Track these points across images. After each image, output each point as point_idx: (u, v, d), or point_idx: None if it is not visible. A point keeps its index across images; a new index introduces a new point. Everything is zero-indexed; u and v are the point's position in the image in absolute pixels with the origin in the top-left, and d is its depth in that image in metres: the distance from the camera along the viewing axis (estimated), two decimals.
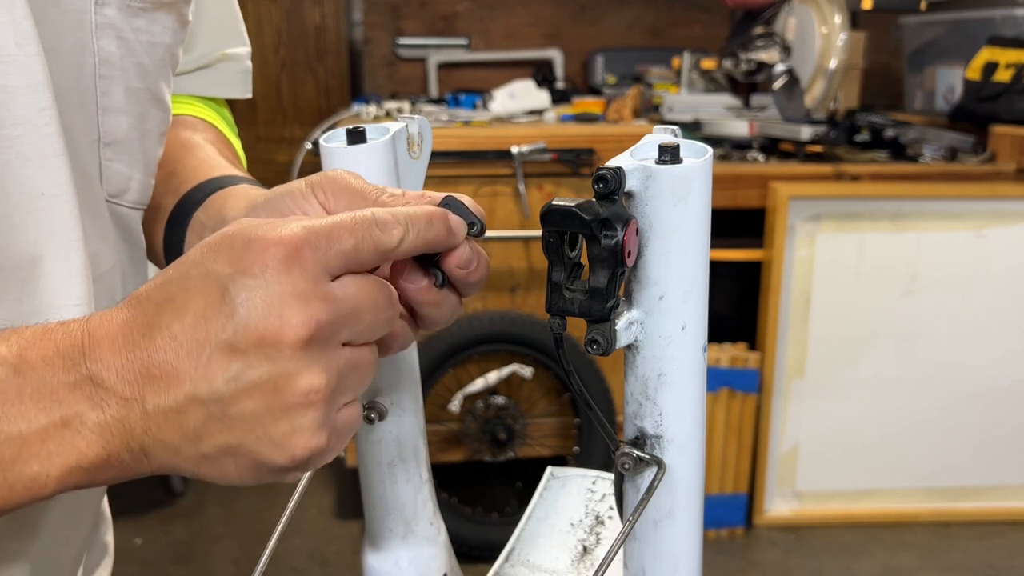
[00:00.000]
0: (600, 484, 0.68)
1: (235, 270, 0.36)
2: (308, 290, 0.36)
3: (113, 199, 0.53)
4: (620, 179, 0.40)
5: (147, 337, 0.36)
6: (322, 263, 0.37)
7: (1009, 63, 2.47)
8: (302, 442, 0.37)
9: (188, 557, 2.27)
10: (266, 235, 0.36)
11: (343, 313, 0.37)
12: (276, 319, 0.36)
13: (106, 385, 0.36)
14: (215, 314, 0.36)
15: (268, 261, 0.36)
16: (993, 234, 2.25)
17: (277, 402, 0.37)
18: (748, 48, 2.63)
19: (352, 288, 0.38)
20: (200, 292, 0.36)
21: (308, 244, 0.36)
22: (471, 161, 2.15)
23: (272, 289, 0.36)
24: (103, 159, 0.52)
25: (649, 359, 0.44)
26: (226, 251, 0.37)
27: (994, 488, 2.41)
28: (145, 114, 0.54)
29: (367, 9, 3.67)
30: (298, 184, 0.48)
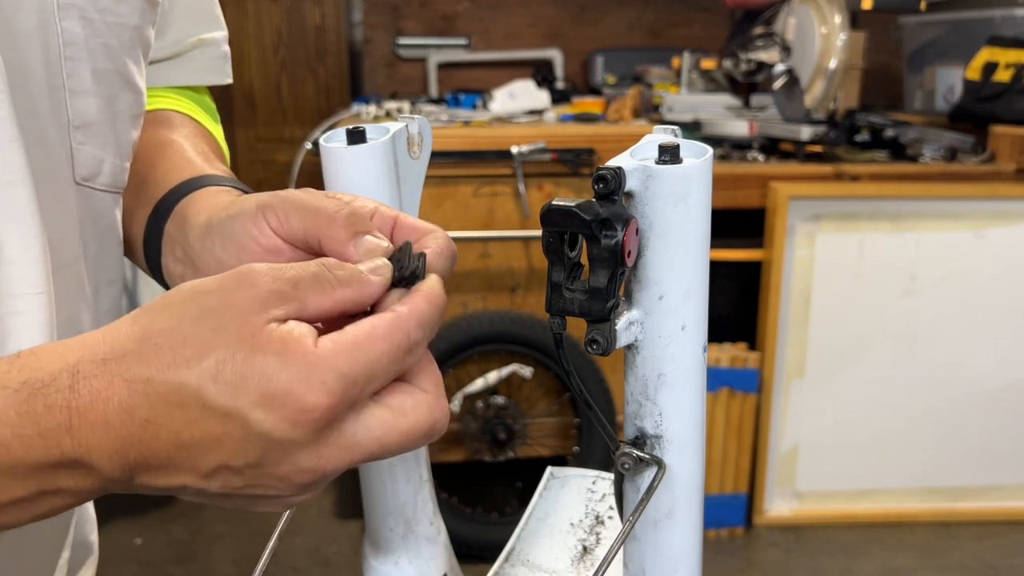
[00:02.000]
0: (600, 484, 0.68)
1: (265, 415, 0.34)
2: (328, 440, 0.36)
3: (85, 182, 0.52)
4: (620, 179, 0.40)
5: (149, 433, 0.34)
6: (355, 409, 0.36)
7: (1009, 63, 2.47)
8: (299, 500, 0.39)
9: (188, 557, 2.27)
10: (307, 392, 0.34)
11: (356, 459, 0.37)
12: (289, 466, 0.35)
13: (93, 466, 0.35)
14: (228, 445, 0.35)
15: (301, 419, 0.34)
16: (993, 234, 2.25)
17: (262, 502, 0.38)
18: (748, 48, 2.63)
19: (376, 432, 0.37)
20: (219, 418, 0.34)
21: (344, 401, 0.35)
22: (471, 161, 2.15)
23: (297, 443, 0.35)
24: (74, 142, 0.51)
25: (649, 359, 0.44)
26: (257, 385, 0.34)
27: (994, 488, 2.41)
28: (115, 96, 0.53)
29: (367, 9, 3.67)
30: (249, 206, 0.46)
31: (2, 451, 0.34)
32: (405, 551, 0.58)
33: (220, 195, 0.53)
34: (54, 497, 0.36)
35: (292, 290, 0.36)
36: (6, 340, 0.46)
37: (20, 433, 0.34)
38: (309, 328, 0.36)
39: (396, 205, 0.52)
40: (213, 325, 0.35)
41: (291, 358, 0.34)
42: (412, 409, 0.38)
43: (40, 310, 0.47)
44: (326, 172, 0.50)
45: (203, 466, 0.35)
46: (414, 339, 0.37)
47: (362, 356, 0.35)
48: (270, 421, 0.34)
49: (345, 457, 0.36)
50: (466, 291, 2.23)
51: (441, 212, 2.16)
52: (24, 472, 0.34)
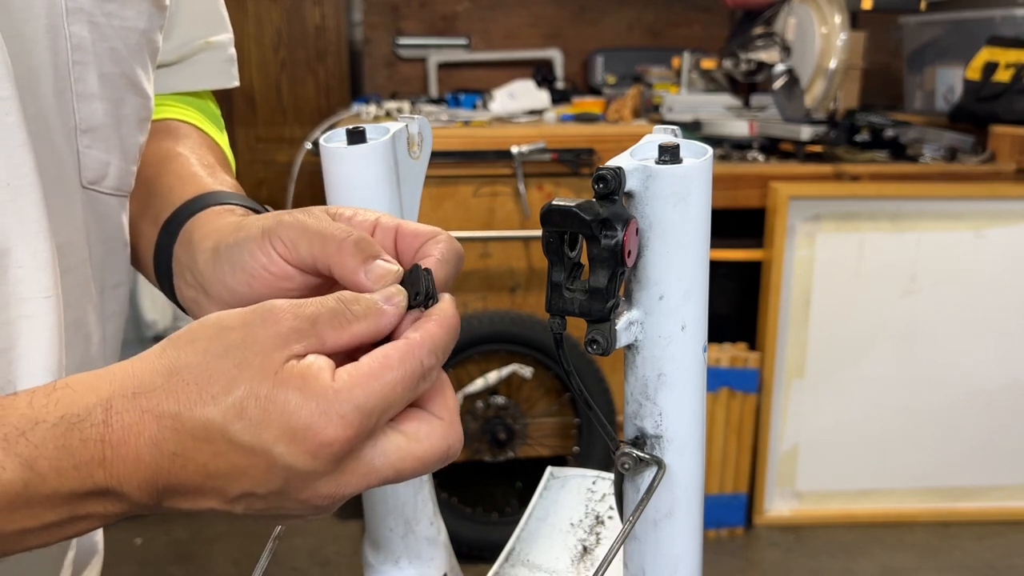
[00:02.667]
0: (600, 484, 0.68)
1: (287, 451, 0.36)
2: (347, 468, 0.37)
3: (92, 186, 0.52)
4: (620, 179, 0.40)
5: (177, 465, 0.36)
6: (372, 438, 0.37)
7: (1009, 63, 2.47)
8: (317, 518, 0.40)
9: (188, 557, 2.27)
10: (327, 427, 0.36)
11: (373, 483, 0.38)
12: (310, 493, 0.37)
13: (124, 495, 0.37)
14: (253, 476, 0.36)
15: (322, 452, 0.36)
16: (993, 234, 2.25)
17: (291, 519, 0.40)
18: (748, 48, 2.63)
19: (394, 457, 0.38)
20: (244, 453, 0.36)
21: (362, 432, 0.36)
22: (471, 161, 2.15)
23: (317, 474, 0.36)
24: (80, 146, 0.51)
25: (649, 359, 0.44)
26: (279, 420, 0.36)
27: (994, 488, 2.41)
28: (121, 100, 0.53)
29: (367, 9, 3.67)
30: (254, 232, 0.46)
31: (39, 481, 0.35)
32: (405, 551, 0.58)
33: (225, 216, 0.53)
34: (83, 521, 0.38)
35: (311, 327, 0.37)
36: (14, 344, 0.46)
37: (57, 466, 0.35)
38: (327, 361, 0.37)
39: (396, 205, 0.52)
40: (237, 361, 0.36)
41: (311, 393, 0.35)
42: (427, 436, 0.39)
43: (48, 314, 0.47)
44: (326, 172, 0.50)
45: (229, 493, 0.37)
46: (427, 365, 0.38)
47: (377, 387, 0.36)
48: (293, 455, 0.35)
49: (363, 482, 0.38)
50: (466, 291, 2.23)
51: (441, 212, 2.16)
52: (58, 501, 0.36)
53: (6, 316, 0.46)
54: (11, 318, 0.46)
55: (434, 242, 0.45)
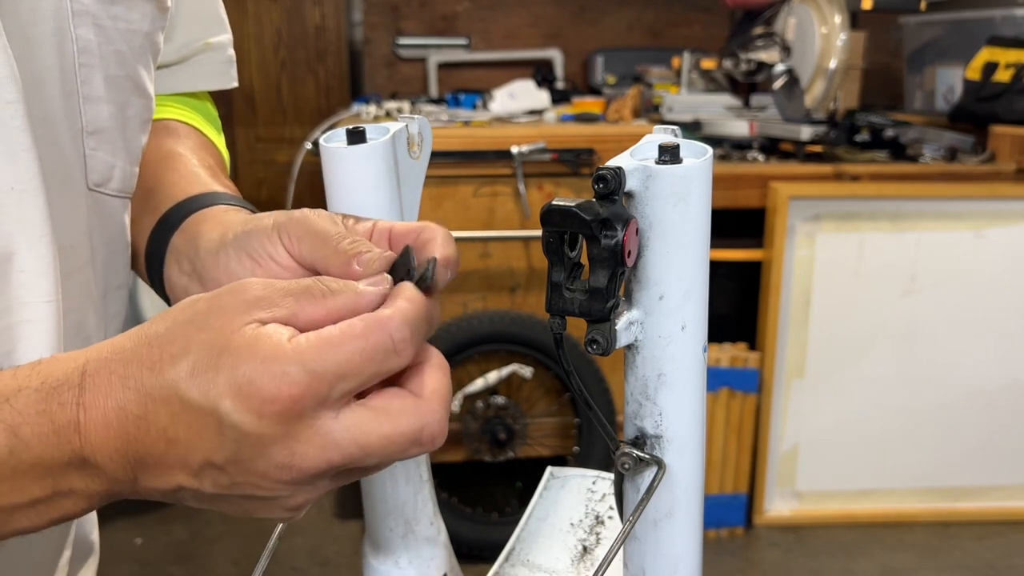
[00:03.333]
0: (600, 484, 0.68)
1: (232, 407, 0.35)
2: (301, 436, 0.35)
3: (98, 188, 0.53)
4: (620, 179, 0.40)
5: (141, 430, 0.36)
6: (324, 406, 0.36)
7: (1009, 63, 2.47)
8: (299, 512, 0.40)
9: (188, 557, 2.27)
10: (269, 383, 0.35)
11: (336, 460, 0.36)
12: (263, 461, 0.36)
13: (99, 465, 0.37)
14: (209, 438, 0.36)
15: (265, 409, 0.35)
16: (993, 234, 2.25)
17: (260, 505, 0.38)
18: (748, 48, 2.63)
19: (357, 430, 0.36)
20: (197, 413, 0.35)
21: (310, 393, 0.35)
22: (471, 161, 2.15)
23: (265, 436, 0.35)
24: (87, 148, 0.51)
25: (649, 359, 0.44)
26: (226, 378, 0.35)
27: (994, 488, 2.41)
28: (126, 102, 0.53)
29: (367, 9, 3.67)
30: (265, 224, 0.47)
31: (23, 448, 0.36)
32: (405, 551, 0.58)
33: (232, 213, 0.54)
34: (67, 500, 0.38)
35: (280, 298, 0.37)
36: (15, 348, 0.46)
37: (39, 432, 0.36)
38: (290, 329, 0.36)
39: (396, 205, 0.52)
40: (199, 325, 0.36)
41: (259, 349, 0.35)
42: (397, 413, 0.37)
43: (49, 318, 0.47)
44: (326, 172, 0.50)
45: (191, 462, 0.36)
46: (398, 339, 0.36)
47: (332, 353, 0.35)
48: (238, 411, 0.35)
49: (321, 455, 0.36)
50: (466, 291, 2.23)
51: (441, 212, 2.16)
52: (42, 471, 0.36)
53: (8, 321, 0.46)
54: (13, 323, 0.46)
55: (430, 230, 0.44)
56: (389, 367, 0.37)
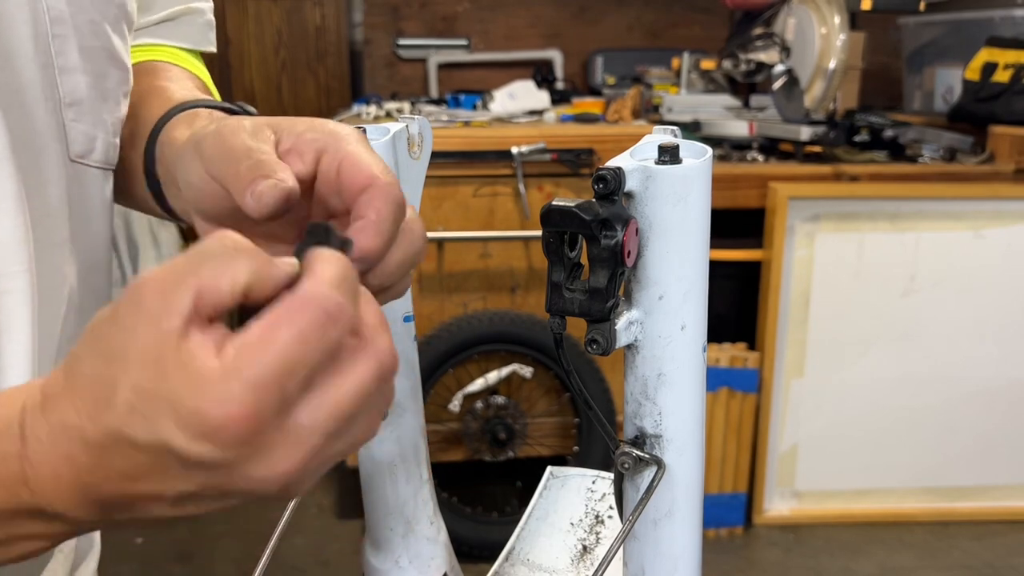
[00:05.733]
0: (600, 483, 0.68)
1: (187, 441, 0.31)
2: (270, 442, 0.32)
3: (79, 159, 0.52)
4: (620, 179, 0.40)
5: (98, 476, 0.33)
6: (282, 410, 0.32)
7: (1008, 63, 2.47)
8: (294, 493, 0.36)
9: (188, 557, 2.27)
10: (215, 409, 0.31)
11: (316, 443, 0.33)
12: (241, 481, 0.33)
13: (60, 513, 0.34)
14: (175, 475, 0.33)
15: (222, 436, 0.31)
16: (992, 234, 2.25)
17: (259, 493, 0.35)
18: (747, 48, 2.63)
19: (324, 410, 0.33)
20: (152, 453, 0.32)
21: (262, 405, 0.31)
22: (471, 161, 2.15)
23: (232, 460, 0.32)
24: (66, 120, 0.51)
25: (649, 359, 0.44)
26: (169, 414, 0.31)
27: (994, 488, 2.41)
28: (104, 73, 0.53)
29: (367, 10, 3.67)
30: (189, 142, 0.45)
31: None
32: (405, 551, 0.58)
33: (202, 118, 0.51)
34: (27, 542, 0.35)
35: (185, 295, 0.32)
36: None
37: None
38: (211, 337, 0.32)
39: None
40: (116, 357, 0.32)
41: (193, 377, 0.31)
42: (350, 367, 0.33)
43: (25, 289, 0.47)
44: None
45: (165, 495, 0.34)
46: (333, 308, 0.32)
47: (267, 354, 0.31)
48: (194, 446, 0.31)
49: (298, 452, 0.33)
50: (466, 291, 2.24)
51: (441, 212, 2.16)
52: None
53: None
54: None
55: (368, 199, 0.39)
56: (335, 338, 0.33)
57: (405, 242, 0.41)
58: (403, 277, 0.42)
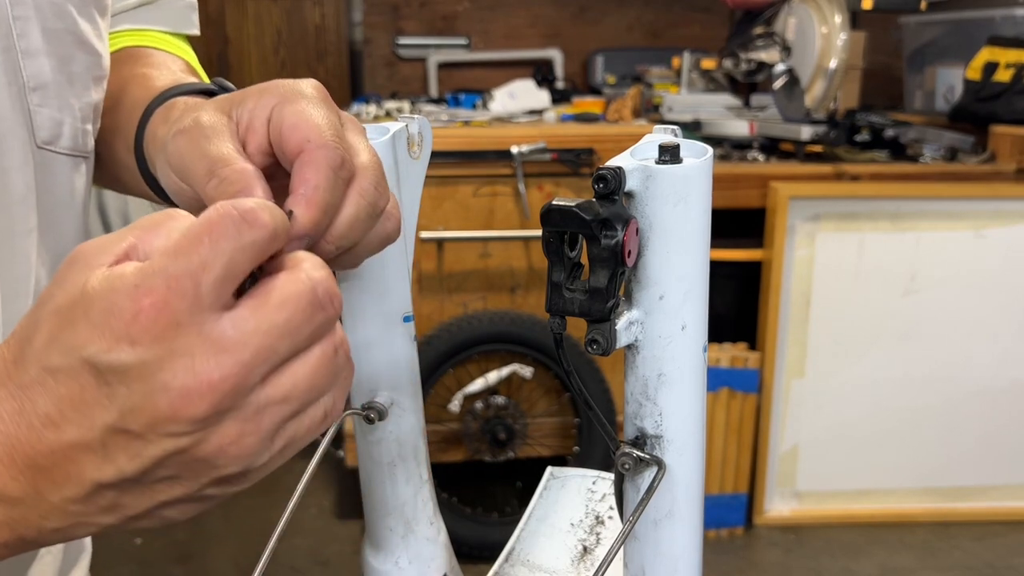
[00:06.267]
0: (600, 484, 0.68)
1: (102, 348, 0.30)
2: (192, 349, 0.30)
3: (47, 146, 0.51)
4: (620, 179, 0.40)
5: (21, 426, 0.31)
6: (199, 306, 0.30)
7: (1009, 63, 2.47)
8: (239, 482, 0.34)
9: (188, 557, 2.27)
10: (122, 299, 0.30)
11: (246, 359, 0.31)
12: (163, 396, 0.30)
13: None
14: (95, 399, 0.31)
15: (135, 333, 0.30)
16: (993, 234, 2.25)
17: (198, 463, 0.32)
18: (748, 48, 2.63)
19: (251, 322, 0.31)
20: (70, 376, 0.31)
21: (172, 293, 0.30)
22: (471, 161, 2.15)
23: (149, 364, 0.30)
24: (31, 104, 0.49)
25: (649, 359, 0.44)
26: (84, 325, 0.31)
27: (994, 488, 2.41)
28: (69, 57, 0.51)
29: (367, 9, 3.67)
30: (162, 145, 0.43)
31: None
32: (405, 551, 0.58)
33: (177, 108, 0.50)
34: None
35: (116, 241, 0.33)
36: None
37: None
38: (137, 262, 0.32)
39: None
40: (44, 300, 0.33)
41: (108, 286, 0.31)
42: (280, 285, 0.32)
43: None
44: None
45: (90, 439, 0.31)
46: (244, 210, 0.32)
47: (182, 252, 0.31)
48: (108, 349, 0.30)
49: (226, 359, 0.31)
50: (466, 291, 2.23)
51: (441, 212, 2.16)
52: None
53: None
54: None
55: (299, 167, 0.38)
56: (249, 240, 0.31)
57: (353, 199, 0.39)
58: (359, 234, 0.39)
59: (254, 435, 0.32)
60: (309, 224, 0.37)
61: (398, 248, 0.52)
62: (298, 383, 0.33)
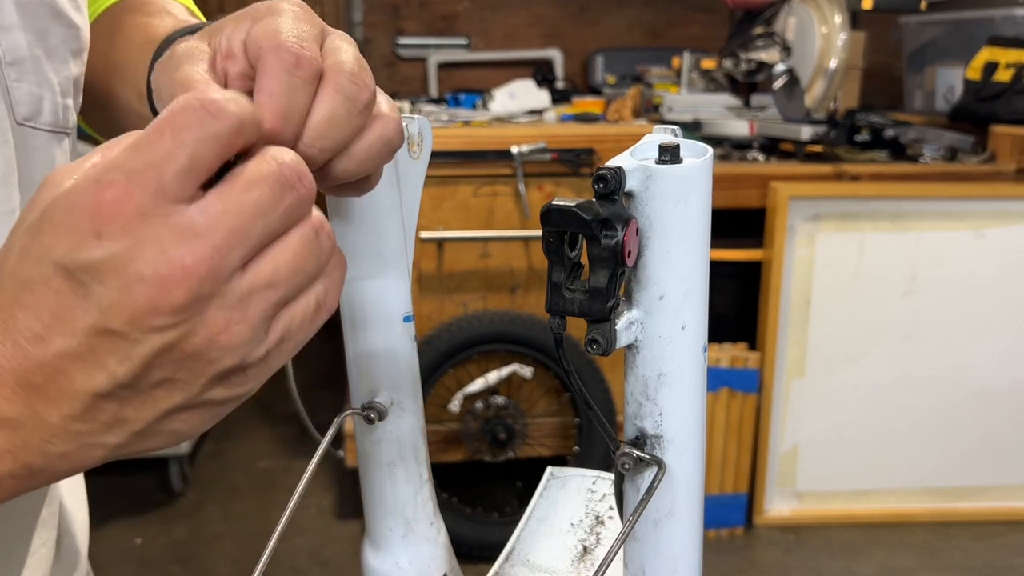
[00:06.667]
0: (600, 484, 0.68)
1: (69, 247, 0.30)
2: (161, 238, 0.30)
3: (27, 122, 0.50)
4: (620, 179, 0.40)
5: (7, 343, 0.31)
6: (164, 196, 0.30)
7: (1009, 63, 2.47)
8: (241, 380, 0.33)
9: (188, 557, 2.27)
10: (83, 195, 0.30)
11: (218, 242, 0.30)
12: (139, 287, 0.30)
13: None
14: (72, 303, 0.31)
15: (100, 226, 0.30)
16: (993, 234, 2.25)
17: (190, 359, 0.32)
18: (748, 48, 2.63)
19: (218, 206, 0.31)
20: (43, 284, 0.31)
21: (134, 184, 0.30)
22: (471, 161, 2.15)
23: (119, 256, 0.30)
24: (9, 80, 0.48)
25: (649, 359, 0.44)
26: (50, 229, 0.30)
27: (994, 488, 2.41)
28: (45, 30, 0.50)
29: (367, 9, 3.67)
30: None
31: None
32: (405, 551, 0.58)
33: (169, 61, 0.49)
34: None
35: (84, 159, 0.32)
36: None
37: None
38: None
39: (396, 205, 0.52)
40: (20, 220, 0.33)
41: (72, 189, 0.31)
42: (245, 169, 0.32)
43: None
44: None
45: (77, 346, 0.31)
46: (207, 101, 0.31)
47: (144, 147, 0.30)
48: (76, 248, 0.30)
49: (198, 244, 0.30)
50: (466, 291, 2.23)
51: (441, 212, 2.16)
52: None
53: None
54: None
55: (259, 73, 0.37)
56: (212, 130, 0.31)
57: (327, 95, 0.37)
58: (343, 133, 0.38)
59: (243, 323, 0.32)
60: (272, 128, 0.35)
61: (398, 248, 0.52)
62: (279, 267, 0.32)
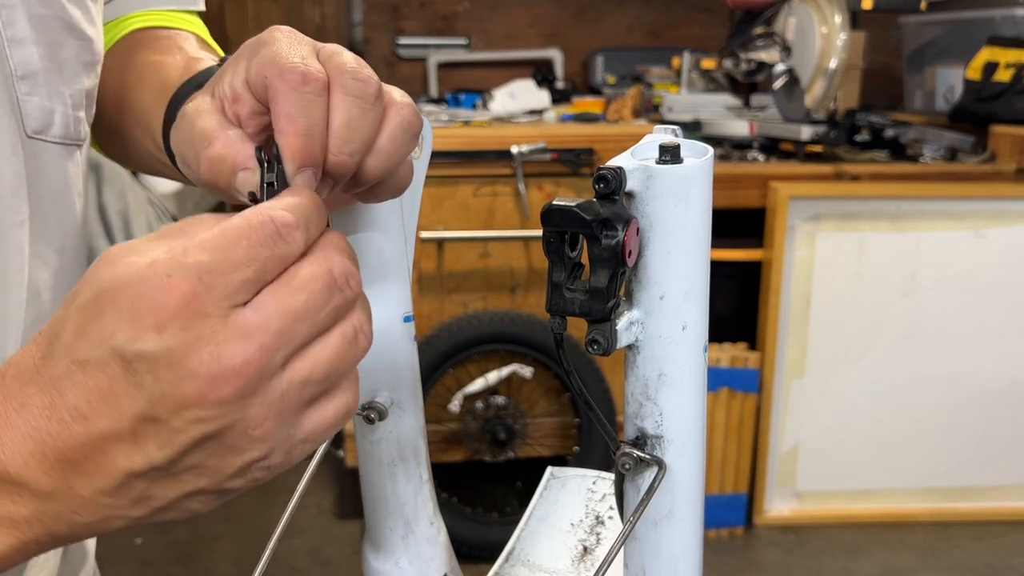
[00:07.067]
0: (600, 484, 0.68)
1: (130, 337, 0.31)
2: (216, 337, 0.31)
3: (37, 135, 0.50)
4: (620, 179, 0.40)
5: (52, 420, 0.32)
6: (226, 301, 0.32)
7: (1009, 63, 2.47)
8: (262, 471, 0.34)
9: (188, 557, 2.27)
10: (152, 289, 0.31)
11: (267, 343, 0.32)
12: (190, 383, 0.31)
13: (17, 479, 0.32)
14: (123, 390, 0.32)
15: (163, 321, 0.31)
16: (993, 234, 2.25)
17: (223, 449, 0.33)
18: (748, 48, 2.63)
19: (271, 306, 0.32)
20: (98, 368, 0.32)
21: (203, 287, 0.31)
22: (471, 161, 2.15)
23: (175, 350, 0.31)
24: (20, 94, 0.49)
25: (649, 359, 0.44)
26: (113, 315, 0.31)
27: (994, 488, 2.41)
28: (58, 43, 0.51)
29: (367, 9, 3.67)
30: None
31: None
32: (405, 551, 0.58)
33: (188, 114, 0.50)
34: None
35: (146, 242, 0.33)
36: None
37: None
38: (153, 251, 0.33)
39: (396, 205, 0.52)
40: (73, 296, 0.33)
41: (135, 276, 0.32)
42: (298, 270, 0.33)
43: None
44: None
45: (120, 429, 0.32)
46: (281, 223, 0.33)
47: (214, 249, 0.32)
48: (136, 338, 0.31)
49: (248, 343, 0.32)
50: (466, 291, 2.23)
51: (441, 212, 2.16)
52: None
53: None
54: None
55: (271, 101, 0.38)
56: (282, 252, 0.33)
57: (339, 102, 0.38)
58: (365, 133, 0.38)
59: (276, 418, 0.33)
60: (298, 152, 0.37)
61: (398, 248, 0.52)
62: (317, 366, 0.34)
